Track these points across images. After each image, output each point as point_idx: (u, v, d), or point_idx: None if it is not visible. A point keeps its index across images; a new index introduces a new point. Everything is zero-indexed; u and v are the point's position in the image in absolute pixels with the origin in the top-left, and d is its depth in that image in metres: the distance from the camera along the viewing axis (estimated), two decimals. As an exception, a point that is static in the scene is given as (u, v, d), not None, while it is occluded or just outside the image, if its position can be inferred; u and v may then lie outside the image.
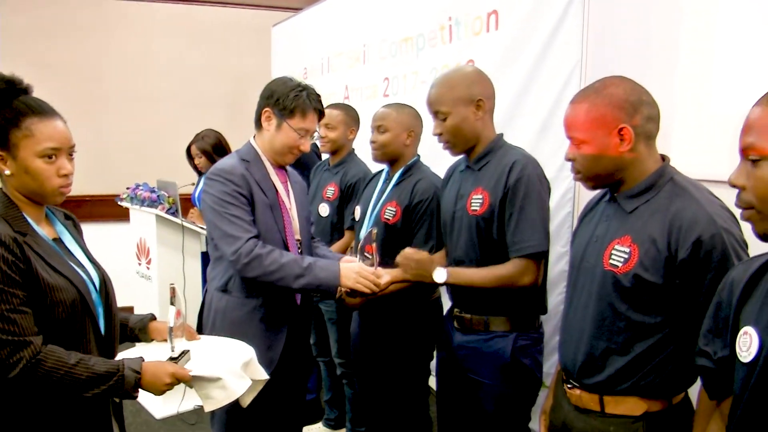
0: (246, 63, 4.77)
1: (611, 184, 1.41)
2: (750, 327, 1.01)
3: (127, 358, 1.36)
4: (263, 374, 1.63)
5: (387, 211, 2.25)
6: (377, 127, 2.27)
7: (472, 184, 1.88)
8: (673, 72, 2.05)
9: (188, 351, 1.48)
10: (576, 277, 1.47)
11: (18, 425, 1.28)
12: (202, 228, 3.17)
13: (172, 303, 1.52)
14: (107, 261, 1.50)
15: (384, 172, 2.40)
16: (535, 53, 2.37)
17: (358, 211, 2.44)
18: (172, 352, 1.46)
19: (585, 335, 1.40)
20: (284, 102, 1.93)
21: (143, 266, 3.70)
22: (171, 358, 1.42)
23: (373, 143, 2.28)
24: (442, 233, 2.07)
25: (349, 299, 2.17)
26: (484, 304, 1.86)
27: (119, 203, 3.81)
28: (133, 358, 1.36)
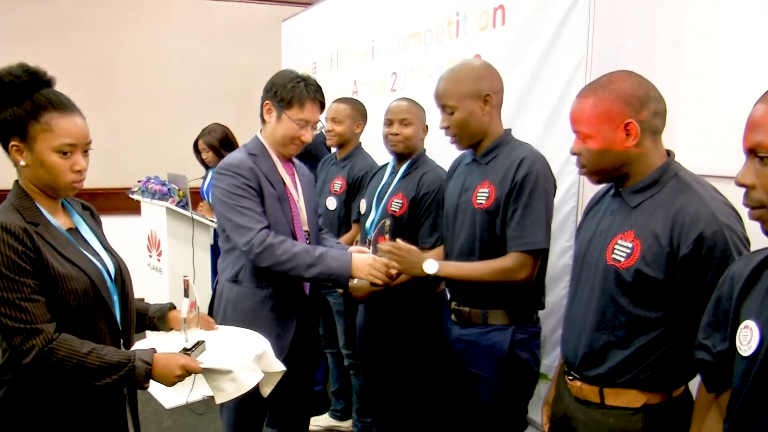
0: (256, 58, 4.77)
1: (616, 179, 1.41)
2: (751, 321, 1.02)
3: (139, 349, 1.38)
4: (279, 366, 1.63)
5: (393, 203, 2.27)
6: (401, 120, 2.28)
7: (478, 178, 1.88)
8: (679, 67, 2.05)
9: (203, 342, 1.50)
10: (579, 270, 1.48)
11: (36, 412, 1.31)
12: (211, 221, 3.20)
13: (186, 295, 1.53)
14: (119, 253, 1.51)
15: (389, 165, 2.42)
16: (541, 48, 2.37)
17: (363, 205, 2.46)
18: (186, 343, 1.48)
19: (587, 328, 1.41)
20: (282, 93, 1.94)
21: (154, 258, 3.74)
22: (184, 349, 1.44)
23: (396, 135, 2.28)
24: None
25: (356, 291, 2.19)
26: (482, 298, 1.86)
27: (131, 196, 3.85)
28: (144, 349, 1.37)
